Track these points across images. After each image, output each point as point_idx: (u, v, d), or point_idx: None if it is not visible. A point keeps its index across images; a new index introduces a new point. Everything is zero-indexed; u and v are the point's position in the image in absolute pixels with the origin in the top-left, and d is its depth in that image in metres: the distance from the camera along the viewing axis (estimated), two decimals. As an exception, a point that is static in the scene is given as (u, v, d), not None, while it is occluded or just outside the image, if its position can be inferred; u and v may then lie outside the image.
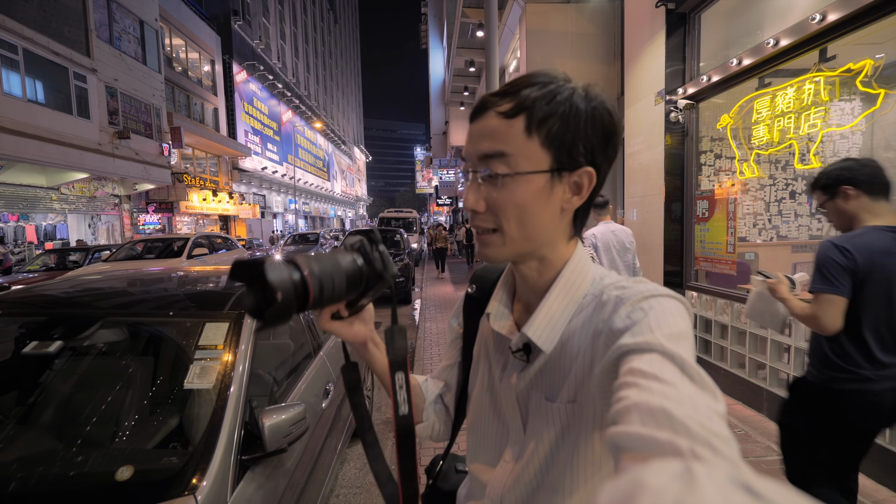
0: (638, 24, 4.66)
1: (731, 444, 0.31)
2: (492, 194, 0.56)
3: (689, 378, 0.38)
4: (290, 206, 32.72)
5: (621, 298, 0.51)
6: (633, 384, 0.38)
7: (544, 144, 0.54)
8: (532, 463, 0.59)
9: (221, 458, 1.32)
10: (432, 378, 0.83)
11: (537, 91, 0.54)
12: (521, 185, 0.54)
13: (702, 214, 3.92)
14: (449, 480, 0.83)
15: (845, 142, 3.24)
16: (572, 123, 0.54)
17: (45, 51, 11.17)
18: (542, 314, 0.58)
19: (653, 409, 0.34)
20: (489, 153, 0.55)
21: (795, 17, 2.99)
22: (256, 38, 26.33)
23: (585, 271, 0.60)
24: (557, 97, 0.54)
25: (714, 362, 3.76)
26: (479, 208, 0.57)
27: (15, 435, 1.46)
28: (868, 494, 2.35)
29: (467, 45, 13.95)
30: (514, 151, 0.54)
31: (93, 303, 1.96)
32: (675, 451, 0.30)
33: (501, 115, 0.54)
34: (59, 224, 14.75)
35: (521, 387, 0.61)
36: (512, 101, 0.54)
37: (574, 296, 0.58)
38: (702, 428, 0.32)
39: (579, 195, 0.57)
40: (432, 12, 25.65)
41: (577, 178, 0.56)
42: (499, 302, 0.67)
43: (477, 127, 0.57)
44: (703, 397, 0.36)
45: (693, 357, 0.41)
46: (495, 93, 0.57)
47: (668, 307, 0.47)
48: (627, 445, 0.33)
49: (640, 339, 0.43)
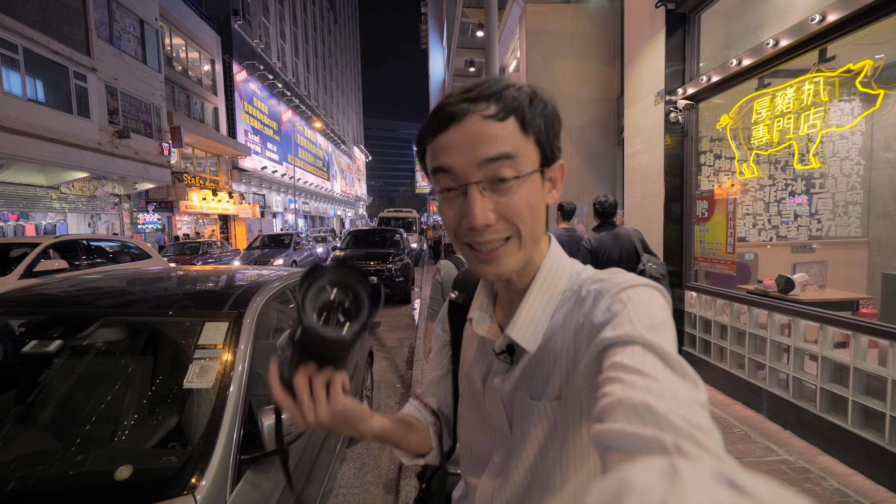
0: (638, 25, 4.65)
1: (715, 435, 0.32)
2: (502, 202, 0.53)
3: (671, 368, 0.39)
4: (289, 205, 32.70)
5: (600, 291, 0.52)
6: (617, 379, 0.38)
7: (536, 142, 0.54)
8: (521, 464, 0.59)
9: (220, 458, 1.31)
10: (423, 399, 0.81)
11: (515, 91, 0.53)
12: (527, 185, 0.54)
13: (701, 215, 3.92)
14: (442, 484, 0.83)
15: (845, 142, 3.25)
16: (548, 121, 0.55)
17: (45, 50, 11.16)
18: (523, 314, 0.58)
19: (636, 405, 0.35)
20: (495, 156, 0.51)
21: (795, 17, 2.99)
22: (256, 38, 26.31)
23: (563, 267, 0.60)
24: (533, 99, 0.54)
25: (714, 363, 3.76)
26: (490, 220, 0.52)
27: (14, 434, 1.46)
28: (868, 495, 2.35)
29: (467, 45, 13.95)
30: (518, 152, 0.52)
31: (92, 302, 1.96)
32: (659, 447, 0.31)
33: (491, 118, 0.51)
34: (59, 223, 14.74)
35: (506, 389, 0.61)
36: (498, 104, 0.52)
37: (553, 292, 0.58)
38: (685, 422, 0.32)
39: (556, 188, 0.59)
40: (432, 12, 25.64)
41: (553, 173, 0.58)
42: (480, 306, 0.67)
43: (462, 133, 0.52)
44: (685, 388, 0.36)
45: (674, 346, 0.42)
46: (468, 98, 0.52)
47: (646, 297, 0.48)
48: (613, 444, 0.34)
49: (621, 331, 0.44)
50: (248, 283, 2.15)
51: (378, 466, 2.97)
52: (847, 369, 2.61)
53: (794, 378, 3.00)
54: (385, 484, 2.78)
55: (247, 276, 2.43)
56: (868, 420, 2.56)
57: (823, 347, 2.77)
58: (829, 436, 2.73)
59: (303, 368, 0.50)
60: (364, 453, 3.14)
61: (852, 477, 2.51)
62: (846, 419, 2.62)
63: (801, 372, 2.99)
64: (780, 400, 3.10)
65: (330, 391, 0.51)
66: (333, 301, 0.49)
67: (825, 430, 2.76)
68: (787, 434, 3.00)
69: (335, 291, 0.49)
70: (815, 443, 2.83)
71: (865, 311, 2.95)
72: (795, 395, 3.01)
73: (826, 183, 3.39)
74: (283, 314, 2.32)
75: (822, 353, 2.77)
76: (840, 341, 2.76)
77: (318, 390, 0.50)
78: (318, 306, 0.48)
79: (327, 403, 0.51)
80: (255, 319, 1.77)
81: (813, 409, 2.85)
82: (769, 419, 3.20)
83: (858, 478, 2.50)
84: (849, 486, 2.42)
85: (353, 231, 11.43)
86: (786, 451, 2.80)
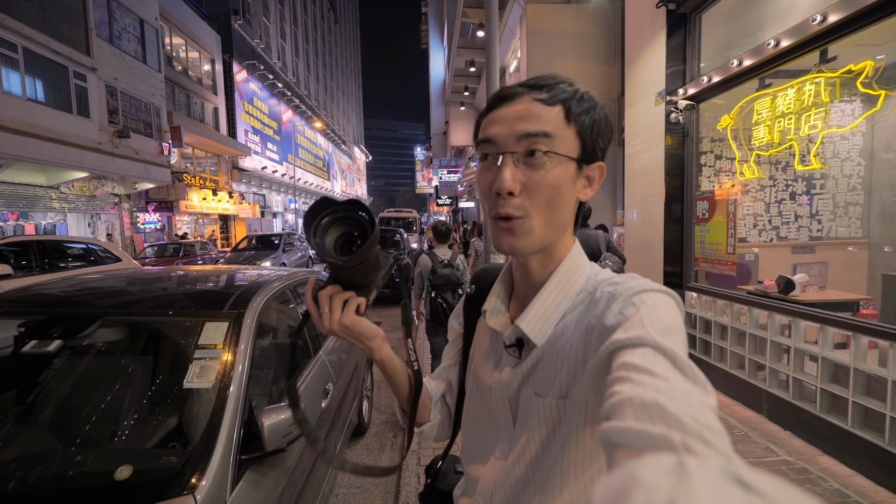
0: (638, 25, 4.65)
1: (724, 437, 0.32)
2: (529, 174, 0.56)
3: (681, 372, 0.38)
4: (290, 205, 32.71)
5: (613, 294, 0.52)
6: (626, 379, 0.38)
7: (578, 134, 0.57)
8: (521, 460, 0.60)
9: (221, 458, 1.31)
10: (434, 379, 0.84)
11: (568, 87, 0.58)
12: (558, 166, 0.56)
13: (702, 215, 3.92)
14: (447, 480, 0.84)
15: (845, 143, 3.25)
16: (597, 121, 0.58)
17: (44, 49, 11.15)
18: (535, 307, 0.59)
19: (646, 403, 0.34)
20: (534, 132, 0.55)
21: (796, 18, 2.99)
22: (257, 38, 26.30)
23: (581, 268, 0.61)
24: (583, 97, 0.58)
25: (714, 363, 3.75)
26: (515, 189, 0.56)
27: (14, 434, 1.46)
28: (867, 496, 2.35)
29: (468, 45, 13.94)
30: (557, 134, 0.56)
31: (92, 302, 1.96)
32: (668, 444, 0.31)
33: (541, 102, 0.56)
34: (59, 223, 14.73)
35: (513, 383, 0.61)
36: (549, 92, 0.57)
37: (569, 291, 0.59)
38: (694, 422, 0.32)
39: (591, 187, 0.61)
40: (433, 12, 25.64)
41: (591, 171, 0.60)
42: (496, 298, 0.68)
43: (511, 110, 0.57)
44: (695, 391, 0.36)
45: (685, 351, 0.42)
46: (524, 84, 0.59)
47: (659, 302, 0.48)
48: (621, 441, 0.33)
49: (633, 333, 0.44)
50: (249, 282, 2.15)
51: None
52: (847, 370, 2.61)
53: (795, 379, 3.00)
54: (385, 484, 2.78)
55: (247, 276, 2.43)
56: (868, 421, 2.56)
57: (823, 348, 2.77)
58: (829, 436, 2.73)
59: (330, 287, 0.63)
60: (364, 453, 3.14)
61: (852, 478, 2.51)
62: (846, 420, 2.62)
63: (802, 373, 2.99)
64: (781, 400, 3.10)
65: (345, 308, 0.63)
66: (350, 233, 0.60)
67: (825, 431, 2.76)
68: (787, 435, 3.00)
69: (347, 226, 0.60)
70: (815, 443, 2.83)
71: (866, 311, 2.95)
72: (795, 395, 3.01)
73: (826, 184, 3.39)
74: (284, 314, 2.32)
75: (822, 354, 2.77)
76: (840, 342, 2.76)
77: (335, 304, 0.62)
78: (335, 238, 0.60)
79: (340, 316, 0.62)
80: (255, 319, 1.77)
81: (813, 410, 2.85)
82: (769, 420, 3.20)
83: (858, 478, 2.50)
84: (849, 487, 2.42)
85: None
86: (786, 451, 2.80)
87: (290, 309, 2.40)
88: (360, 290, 0.64)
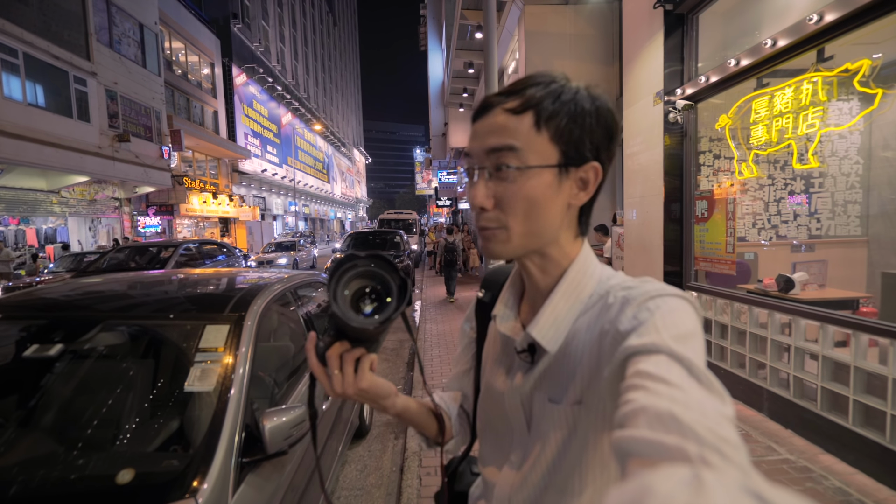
0: (636, 26, 4.66)
1: (741, 449, 0.31)
2: (500, 189, 0.55)
3: (697, 380, 0.37)
4: (290, 208, 32.73)
5: (627, 299, 0.51)
6: (641, 387, 0.38)
7: (553, 140, 0.54)
8: (539, 465, 0.59)
9: (222, 461, 1.32)
10: (448, 392, 0.82)
11: (542, 90, 0.55)
12: (530, 178, 0.54)
13: (701, 215, 3.93)
14: (463, 481, 0.84)
15: (843, 141, 3.25)
16: (579, 120, 0.55)
17: (45, 55, 11.18)
18: (546, 313, 0.57)
19: (661, 413, 0.34)
20: (498, 147, 0.54)
21: (793, 17, 2.99)
22: (256, 41, 26.36)
23: (592, 271, 0.59)
24: (562, 96, 0.55)
25: (714, 362, 3.75)
26: (488, 205, 0.56)
27: (16, 438, 1.46)
28: (868, 494, 2.35)
29: (466, 47, 13.94)
30: (524, 146, 0.54)
31: (93, 306, 1.96)
32: (683, 456, 0.30)
33: (509, 112, 0.55)
34: (60, 227, 14.76)
35: (525, 388, 0.60)
36: (518, 99, 0.55)
37: (580, 296, 0.58)
38: (711, 433, 0.31)
39: (585, 190, 0.57)
40: (431, 14, 25.66)
41: (584, 173, 0.56)
42: (504, 304, 0.66)
43: (483, 125, 0.57)
44: (711, 401, 0.35)
45: (701, 358, 0.41)
46: (499, 92, 0.57)
47: (674, 307, 0.47)
48: (635, 450, 0.33)
49: (647, 339, 0.43)
50: (249, 286, 2.15)
51: (380, 468, 2.97)
52: (847, 368, 2.61)
53: (795, 377, 3.00)
54: (387, 486, 2.78)
55: (247, 279, 2.43)
56: (869, 419, 2.56)
57: (824, 346, 2.77)
58: (830, 435, 2.73)
59: (338, 345, 0.56)
60: (366, 455, 3.14)
61: (854, 476, 2.51)
62: (847, 418, 2.62)
63: (802, 371, 2.99)
64: (781, 399, 3.10)
65: (358, 368, 0.57)
66: (364, 289, 0.54)
67: (826, 429, 2.76)
68: (789, 433, 3.00)
69: (365, 281, 0.54)
70: (817, 442, 2.83)
71: (865, 309, 2.95)
72: (796, 394, 3.01)
73: (825, 182, 3.40)
74: (284, 317, 2.33)
75: (822, 352, 2.77)
76: (840, 340, 2.76)
77: (347, 366, 0.56)
78: (352, 293, 0.53)
79: (354, 379, 0.57)
80: (255, 322, 1.78)
81: (814, 409, 2.85)
82: (770, 418, 3.20)
83: (860, 476, 2.49)
84: (850, 485, 2.42)
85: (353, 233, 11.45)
86: (787, 450, 2.80)
87: (291, 311, 2.41)
88: (369, 346, 0.58)
